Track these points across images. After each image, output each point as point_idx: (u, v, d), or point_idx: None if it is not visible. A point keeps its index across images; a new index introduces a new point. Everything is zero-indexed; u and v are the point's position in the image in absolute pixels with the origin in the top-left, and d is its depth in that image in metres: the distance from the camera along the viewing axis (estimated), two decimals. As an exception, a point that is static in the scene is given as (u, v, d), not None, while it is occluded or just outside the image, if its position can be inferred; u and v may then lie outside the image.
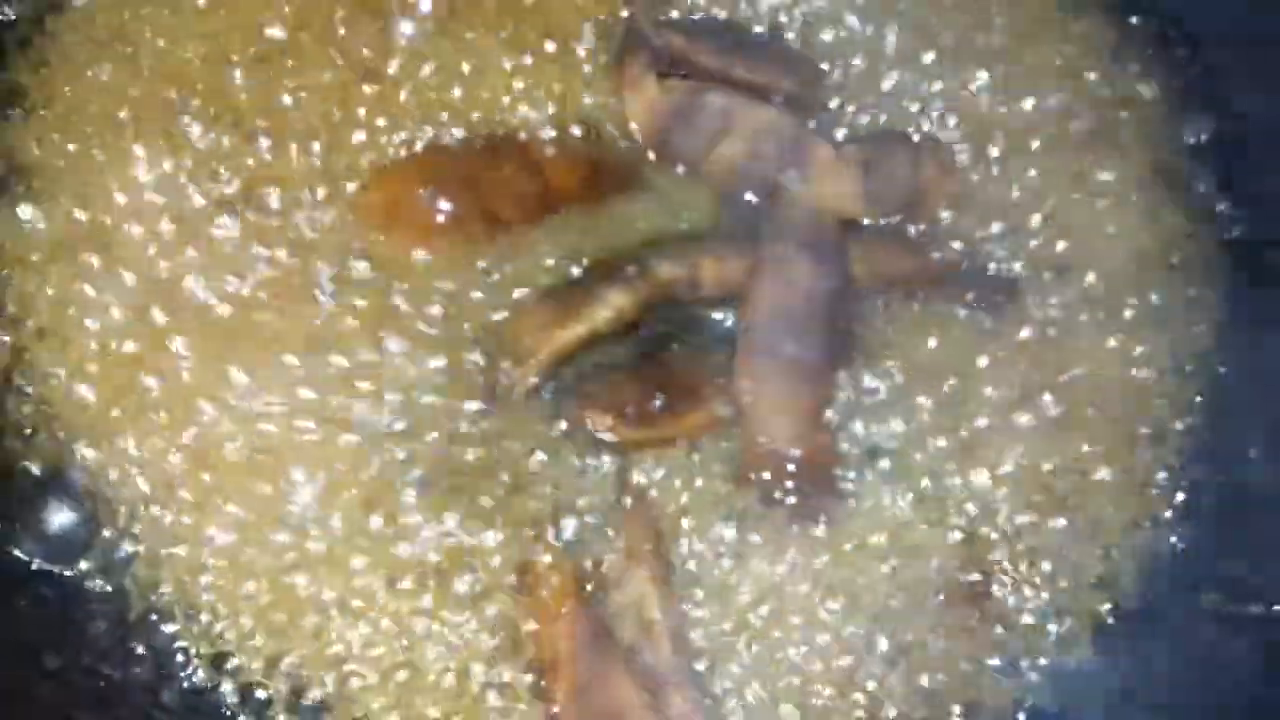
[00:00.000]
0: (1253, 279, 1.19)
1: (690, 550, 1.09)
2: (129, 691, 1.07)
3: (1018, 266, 1.17)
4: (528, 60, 1.15)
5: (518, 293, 1.11)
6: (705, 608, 1.08)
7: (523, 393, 1.09)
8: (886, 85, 1.18)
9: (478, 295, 1.11)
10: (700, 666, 1.07)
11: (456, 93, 1.14)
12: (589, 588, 1.07)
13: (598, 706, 1.03)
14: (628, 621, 1.05)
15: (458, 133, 1.13)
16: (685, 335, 1.13)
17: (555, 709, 1.04)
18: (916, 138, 1.17)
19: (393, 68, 1.14)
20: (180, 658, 1.07)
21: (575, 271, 1.12)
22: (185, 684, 1.07)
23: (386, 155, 1.12)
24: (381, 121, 1.13)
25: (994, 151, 1.18)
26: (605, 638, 1.05)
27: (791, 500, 1.10)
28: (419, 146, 1.13)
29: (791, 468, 1.10)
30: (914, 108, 1.18)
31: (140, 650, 1.08)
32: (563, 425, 1.09)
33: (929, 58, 1.19)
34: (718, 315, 1.14)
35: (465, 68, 1.15)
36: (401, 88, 1.14)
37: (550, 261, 1.12)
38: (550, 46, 1.16)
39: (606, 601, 1.07)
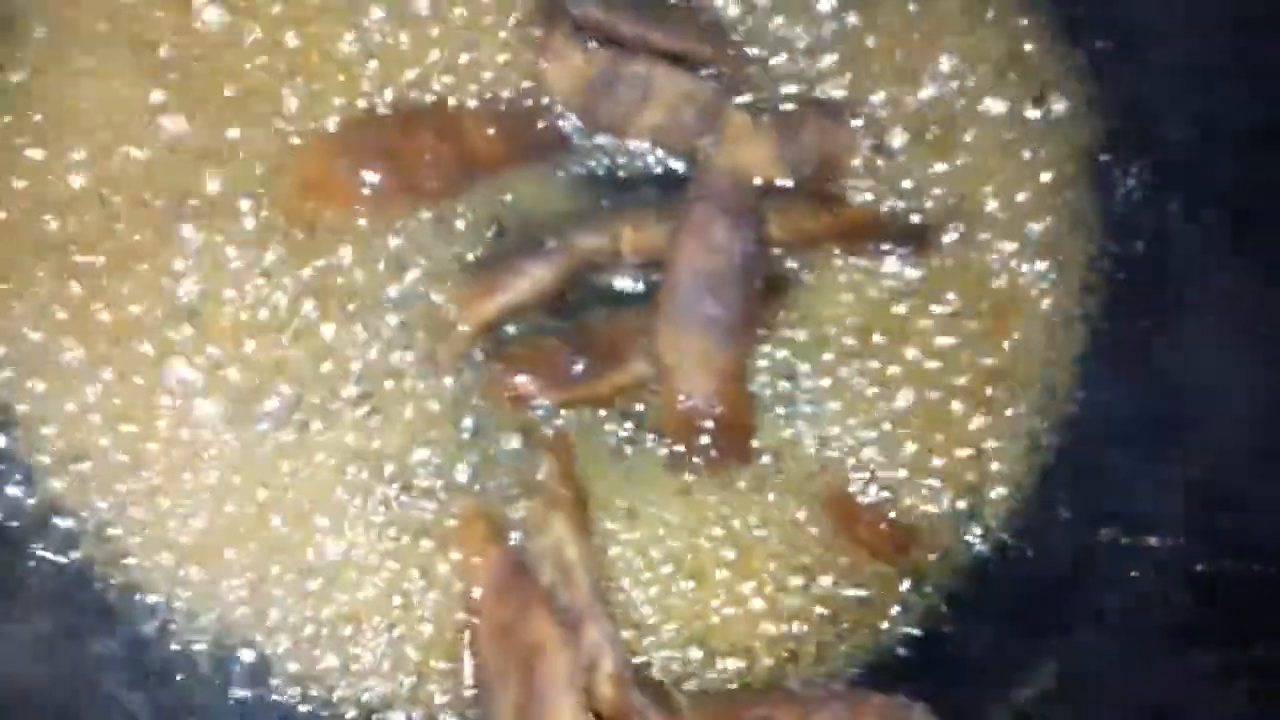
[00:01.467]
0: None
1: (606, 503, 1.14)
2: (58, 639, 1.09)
3: (929, 216, 1.20)
4: (447, 30, 1.16)
5: (440, 265, 1.13)
6: (622, 559, 1.14)
7: (449, 363, 1.13)
8: (803, 52, 1.20)
9: (400, 266, 1.13)
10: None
11: (374, 64, 1.15)
12: (511, 534, 1.11)
13: (517, 642, 1.06)
14: (547, 564, 1.09)
15: (377, 104, 1.14)
16: (605, 297, 1.16)
17: (477, 647, 1.09)
18: (829, 102, 1.20)
19: (308, 39, 1.15)
20: (128, 610, 1.10)
21: (497, 243, 1.14)
22: (133, 632, 1.10)
23: (306, 129, 1.13)
24: (300, 95, 1.14)
25: (905, 110, 1.21)
26: (525, 579, 1.09)
27: (710, 454, 1.15)
28: (337, 120, 1.14)
29: (709, 424, 1.15)
30: (828, 71, 1.20)
31: (85, 601, 1.10)
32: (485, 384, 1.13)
33: (845, 22, 1.21)
34: (637, 277, 1.17)
35: (382, 38, 1.15)
36: (320, 59, 1.15)
37: (472, 232, 1.14)
38: (469, 15, 1.16)
39: (527, 546, 1.11)
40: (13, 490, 1.10)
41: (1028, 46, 1.23)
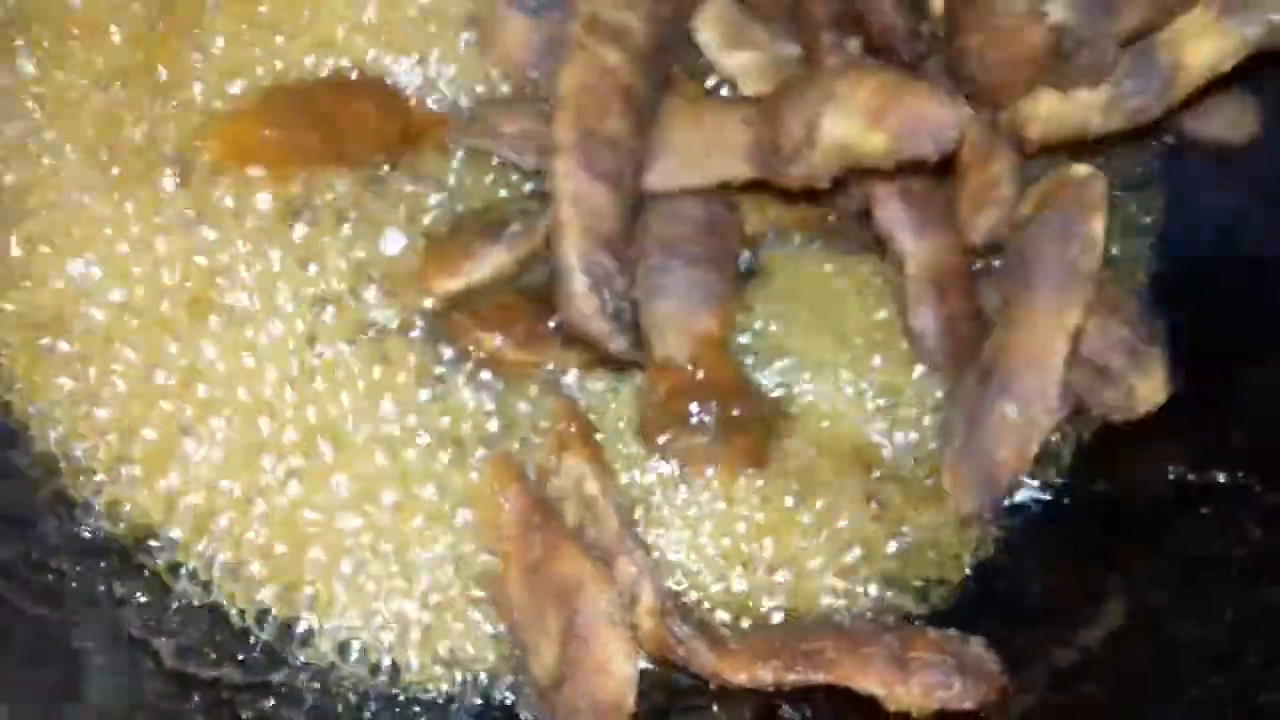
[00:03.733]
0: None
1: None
2: (80, 585, 1.06)
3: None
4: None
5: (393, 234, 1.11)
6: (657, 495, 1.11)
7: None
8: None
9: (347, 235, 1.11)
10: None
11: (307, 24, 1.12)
12: (530, 475, 1.08)
13: (551, 581, 1.03)
14: (571, 503, 1.06)
15: (306, 69, 1.11)
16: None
17: (507, 589, 1.05)
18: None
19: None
20: (136, 553, 1.08)
21: (457, 217, 1.11)
22: (141, 576, 1.08)
23: (226, 96, 1.10)
24: (221, 60, 1.11)
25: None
26: (551, 518, 1.05)
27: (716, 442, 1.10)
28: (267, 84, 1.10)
29: (700, 401, 1.09)
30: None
31: (93, 545, 1.08)
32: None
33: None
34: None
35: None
36: (242, 23, 1.12)
37: (425, 204, 1.11)
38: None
39: (548, 487, 1.07)
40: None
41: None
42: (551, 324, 1.08)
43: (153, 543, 1.08)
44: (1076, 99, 1.09)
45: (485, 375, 1.10)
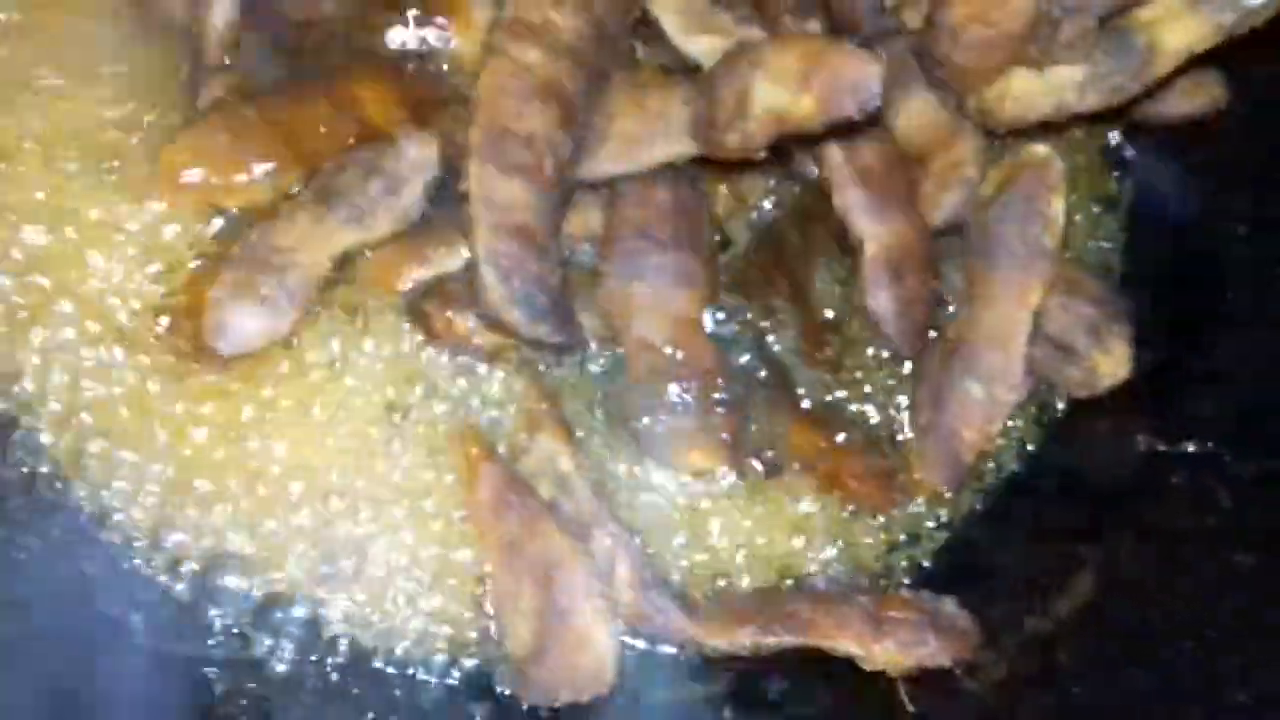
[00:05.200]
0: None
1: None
2: (51, 564, 1.06)
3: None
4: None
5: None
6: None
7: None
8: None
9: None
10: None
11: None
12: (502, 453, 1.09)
13: (529, 557, 1.04)
14: (544, 481, 1.07)
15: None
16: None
17: (487, 566, 1.06)
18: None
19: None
20: (115, 529, 1.08)
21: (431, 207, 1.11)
22: (113, 555, 1.07)
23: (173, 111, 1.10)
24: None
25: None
26: (525, 494, 1.06)
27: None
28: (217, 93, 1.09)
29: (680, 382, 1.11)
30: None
31: (64, 526, 1.07)
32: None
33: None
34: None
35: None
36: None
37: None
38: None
39: (520, 467, 1.08)
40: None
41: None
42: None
43: (123, 519, 1.08)
44: (1052, 77, 1.10)
45: (457, 358, 1.11)
